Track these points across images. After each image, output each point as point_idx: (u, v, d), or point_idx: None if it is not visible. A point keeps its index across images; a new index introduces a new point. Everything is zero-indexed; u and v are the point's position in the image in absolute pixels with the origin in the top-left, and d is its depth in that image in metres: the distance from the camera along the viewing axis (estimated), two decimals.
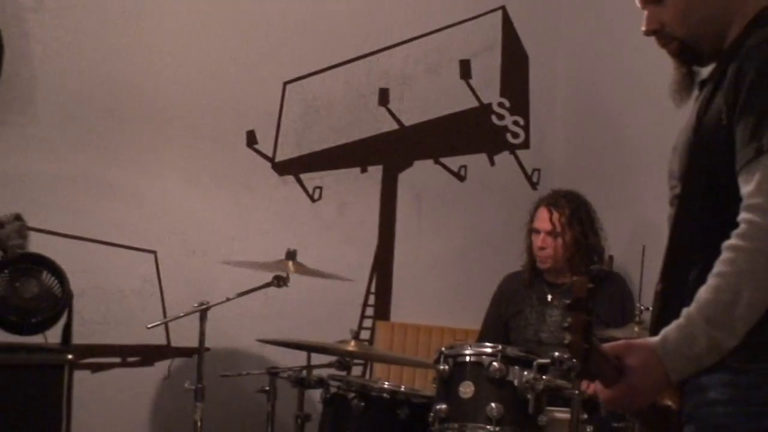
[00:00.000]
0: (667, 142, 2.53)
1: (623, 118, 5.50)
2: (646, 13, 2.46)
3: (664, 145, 4.68)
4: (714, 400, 2.20)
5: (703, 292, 2.14)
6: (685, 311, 2.15)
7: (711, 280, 2.13)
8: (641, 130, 5.27)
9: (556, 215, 5.00)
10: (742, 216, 2.13)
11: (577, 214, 4.98)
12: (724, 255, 2.13)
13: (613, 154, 5.53)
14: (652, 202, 5.05)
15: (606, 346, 2.18)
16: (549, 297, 5.04)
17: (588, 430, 4.05)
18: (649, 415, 2.28)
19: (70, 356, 4.36)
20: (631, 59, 5.32)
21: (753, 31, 2.28)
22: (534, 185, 5.94)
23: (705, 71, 2.44)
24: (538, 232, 5.04)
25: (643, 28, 2.46)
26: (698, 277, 2.21)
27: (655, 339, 2.16)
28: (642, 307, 4.43)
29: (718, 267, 2.13)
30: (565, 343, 2.08)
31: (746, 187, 2.14)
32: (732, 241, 2.12)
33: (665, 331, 2.16)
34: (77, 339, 4.56)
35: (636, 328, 4.32)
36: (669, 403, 2.28)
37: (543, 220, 5.04)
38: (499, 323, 5.15)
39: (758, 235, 2.10)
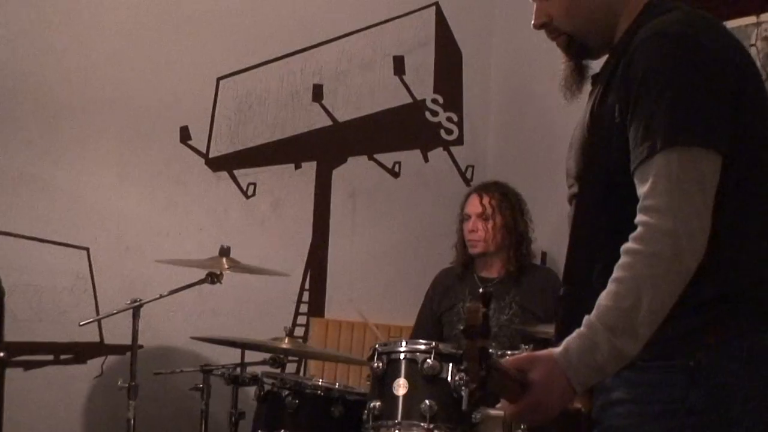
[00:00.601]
0: None
1: (554, 116, 5.54)
2: (535, 6, 2.47)
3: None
4: (617, 400, 2.22)
5: (603, 299, 2.10)
6: (586, 319, 2.11)
7: (610, 286, 2.10)
8: (572, 129, 5.33)
9: (486, 198, 5.08)
10: (639, 218, 2.10)
11: (506, 199, 5.07)
12: (623, 259, 2.10)
13: (544, 151, 5.58)
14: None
15: (510, 360, 2.16)
16: (481, 290, 5.06)
17: (522, 427, 4.10)
18: (559, 420, 2.21)
19: (1, 354, 4.30)
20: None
21: (642, 24, 2.26)
22: (468, 181, 5.98)
23: (597, 65, 2.44)
24: (468, 217, 5.11)
25: (533, 22, 2.48)
26: (600, 278, 2.18)
27: (558, 350, 2.11)
28: None
29: (617, 272, 2.10)
30: (461, 368, 2.06)
31: (641, 188, 2.12)
32: (629, 244, 2.10)
33: (567, 341, 2.11)
34: (9, 336, 4.46)
35: None
36: (579, 405, 2.26)
37: (473, 204, 5.12)
38: (432, 319, 5.19)
39: (655, 237, 2.07)
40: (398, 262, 5.84)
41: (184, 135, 5.40)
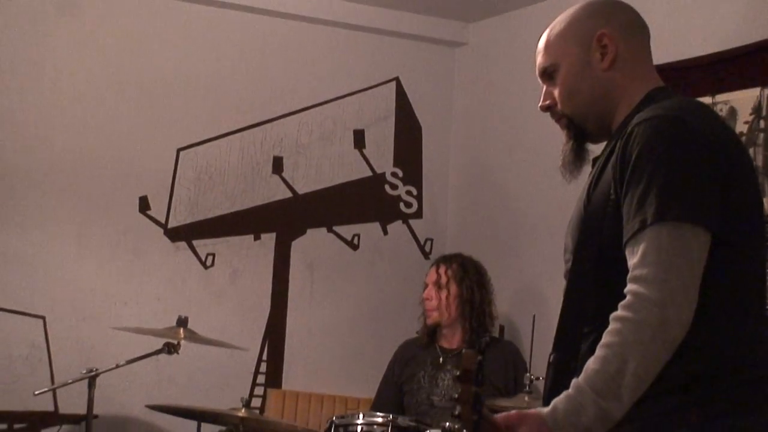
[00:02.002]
0: (555, 213, 2.62)
1: (514, 189, 5.66)
2: (544, 88, 2.60)
3: (554, 217, 4.92)
4: None
5: (591, 363, 2.17)
6: (574, 381, 2.18)
7: (599, 351, 2.17)
8: (531, 201, 5.47)
9: (443, 268, 5.19)
10: (629, 288, 2.17)
11: (464, 269, 5.16)
12: (611, 326, 2.17)
13: (504, 224, 5.69)
14: (542, 271, 5.24)
15: (500, 416, 2.22)
16: (441, 359, 5.14)
17: None
18: None
19: None
20: (523, 132, 5.52)
21: (640, 110, 2.37)
22: (426, 254, 6.06)
23: (598, 149, 2.55)
24: (426, 286, 5.22)
25: (539, 104, 2.59)
26: (590, 348, 2.25)
27: (546, 409, 2.19)
28: (532, 377, 4.55)
29: (605, 338, 2.17)
30: (455, 414, 2.15)
31: (632, 259, 2.19)
32: (619, 312, 2.17)
33: (555, 401, 2.19)
34: None
35: (526, 398, 4.41)
36: None
37: (431, 274, 5.24)
38: (393, 388, 5.24)
39: (643, 305, 2.14)
40: (356, 334, 5.88)
41: (143, 205, 5.45)
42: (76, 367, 4.63)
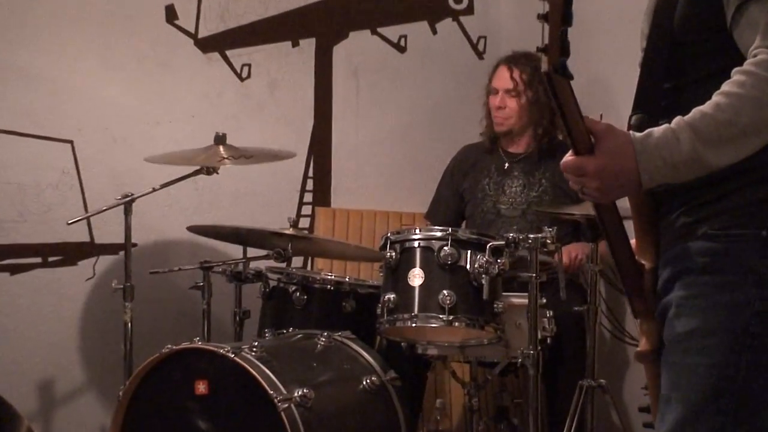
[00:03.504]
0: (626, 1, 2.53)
1: None
2: None
3: (620, 5, 4.67)
4: (685, 270, 2.24)
5: (702, 106, 2.14)
6: (678, 118, 2.15)
7: (714, 97, 2.13)
8: None
9: (516, 72, 4.98)
10: (760, 51, 2.12)
11: (537, 74, 4.93)
12: (735, 77, 2.13)
13: None
14: (610, 67, 5.05)
15: (588, 120, 2.18)
16: (507, 165, 5.03)
17: (548, 314, 4.07)
18: (627, 268, 2.34)
19: None
20: None
21: None
22: (480, 54, 5.92)
23: None
24: (496, 92, 5.01)
25: None
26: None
27: (639, 134, 2.16)
28: None
29: (725, 86, 2.13)
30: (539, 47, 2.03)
31: (753, 35, 2.14)
32: (746, 66, 2.12)
33: (651, 129, 2.16)
34: None
35: None
36: (644, 262, 2.36)
37: (502, 78, 5.03)
38: (454, 196, 5.17)
39: None
40: (407, 144, 5.78)
41: (170, 14, 5.28)
42: (110, 194, 4.64)
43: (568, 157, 2.24)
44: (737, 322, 2.16)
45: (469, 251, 3.86)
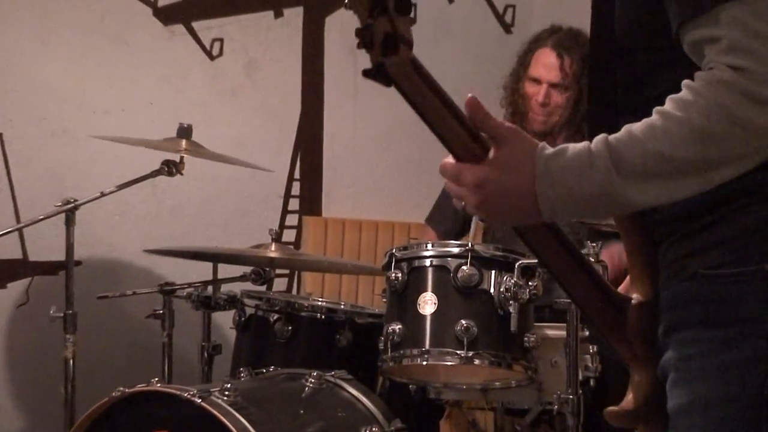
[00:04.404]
0: None
1: None
2: None
3: None
4: (683, 321, 2.19)
5: (636, 123, 2.03)
6: (601, 135, 2.05)
7: (654, 114, 2.03)
8: None
9: (567, 61, 4.95)
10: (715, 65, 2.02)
11: (586, 62, 4.92)
12: (682, 94, 2.02)
13: None
14: None
15: (495, 121, 2.10)
16: None
17: (591, 350, 4.07)
18: (593, 306, 2.37)
19: None
20: None
21: None
22: (507, 27, 5.98)
23: None
24: (538, 82, 4.99)
25: None
26: None
27: (549, 150, 2.07)
28: None
29: (669, 103, 2.03)
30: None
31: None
32: (697, 83, 2.01)
33: (567, 145, 2.06)
34: None
35: None
36: (634, 294, 2.34)
37: (549, 67, 5.00)
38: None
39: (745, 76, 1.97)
40: (418, 139, 5.75)
41: None
42: (48, 200, 4.59)
43: (451, 165, 2.17)
44: (748, 387, 2.08)
45: (493, 271, 3.86)
